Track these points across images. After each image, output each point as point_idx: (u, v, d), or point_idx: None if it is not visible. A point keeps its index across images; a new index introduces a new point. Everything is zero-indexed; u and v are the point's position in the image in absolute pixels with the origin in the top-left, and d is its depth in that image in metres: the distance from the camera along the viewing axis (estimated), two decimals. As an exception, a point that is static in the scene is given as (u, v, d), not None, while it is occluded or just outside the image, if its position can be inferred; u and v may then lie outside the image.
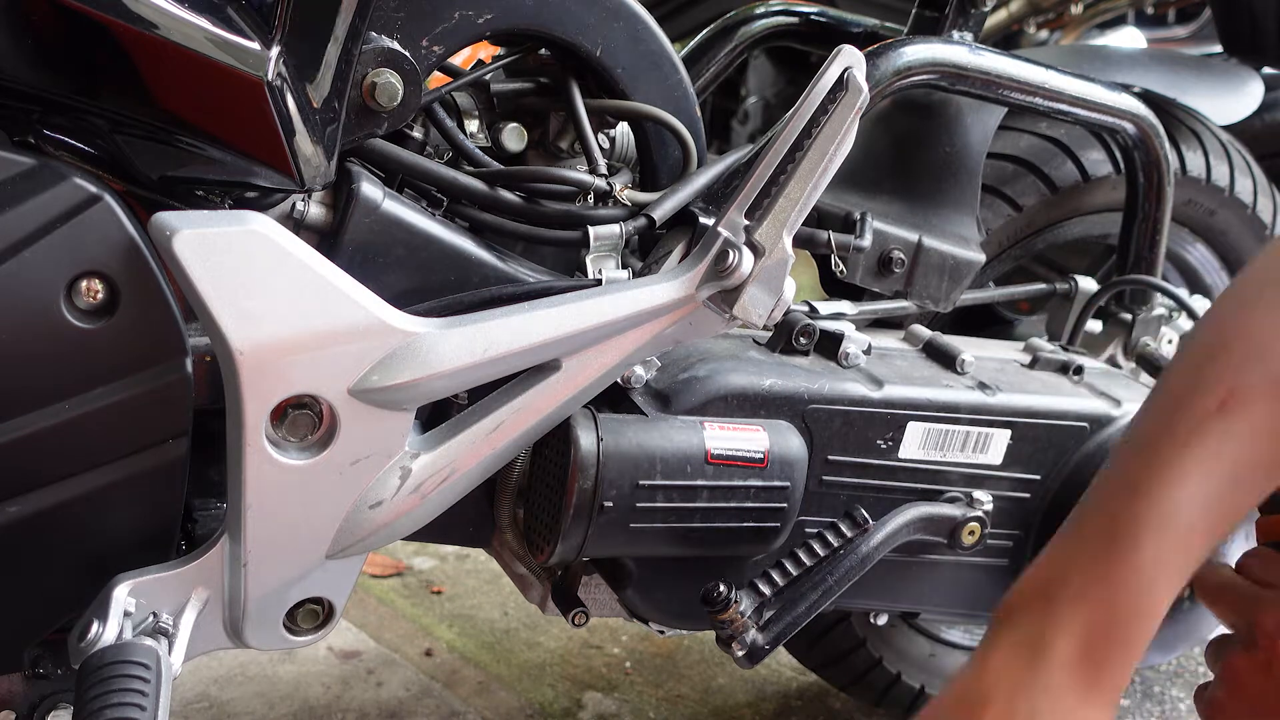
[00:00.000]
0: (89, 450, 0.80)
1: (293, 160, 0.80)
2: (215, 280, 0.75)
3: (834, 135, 0.89)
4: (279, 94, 0.77)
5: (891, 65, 1.11)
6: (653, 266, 0.98)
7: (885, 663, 1.40)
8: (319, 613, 0.92)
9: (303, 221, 0.87)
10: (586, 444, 0.92)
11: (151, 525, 0.85)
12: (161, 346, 0.79)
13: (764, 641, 1.00)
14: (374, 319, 0.81)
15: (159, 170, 0.83)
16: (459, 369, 0.84)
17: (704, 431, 0.97)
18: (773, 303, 0.91)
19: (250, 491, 0.81)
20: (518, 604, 1.74)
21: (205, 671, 1.52)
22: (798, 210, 0.90)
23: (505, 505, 1.03)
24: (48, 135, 0.81)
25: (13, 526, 0.79)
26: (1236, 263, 1.56)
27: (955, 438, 1.08)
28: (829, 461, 1.04)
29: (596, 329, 0.88)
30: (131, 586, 0.82)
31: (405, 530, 0.90)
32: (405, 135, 0.93)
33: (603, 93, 1.00)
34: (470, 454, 0.88)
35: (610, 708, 1.55)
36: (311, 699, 1.51)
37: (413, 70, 0.87)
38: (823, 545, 1.01)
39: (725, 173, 1.01)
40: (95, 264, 0.76)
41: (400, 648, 1.63)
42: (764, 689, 1.61)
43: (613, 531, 0.95)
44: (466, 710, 1.51)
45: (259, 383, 0.78)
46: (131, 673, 0.74)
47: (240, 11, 0.77)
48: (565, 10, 0.94)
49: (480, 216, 0.95)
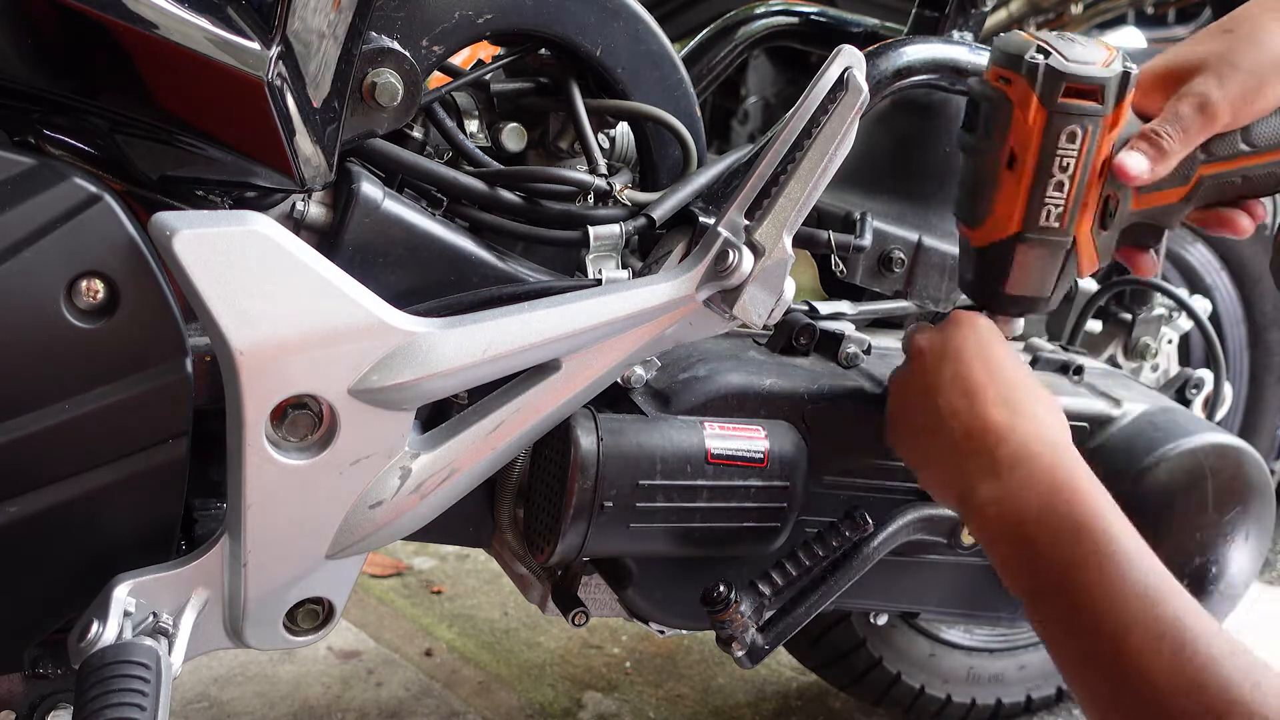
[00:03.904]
0: (89, 450, 0.80)
1: (293, 160, 0.80)
2: (215, 280, 0.75)
3: (834, 135, 0.89)
4: (279, 94, 0.77)
5: (891, 65, 1.11)
6: (653, 266, 0.98)
7: (885, 663, 1.40)
8: (319, 613, 0.92)
9: (303, 221, 0.87)
10: (586, 444, 0.92)
11: (151, 525, 0.85)
12: (161, 346, 0.79)
13: (764, 642, 1.00)
14: (374, 319, 0.81)
15: (159, 170, 0.83)
16: (459, 369, 0.84)
17: (704, 431, 0.97)
18: (773, 303, 0.91)
19: (250, 491, 0.81)
20: (518, 604, 1.74)
21: (205, 671, 1.52)
22: (798, 210, 0.90)
23: (505, 505, 1.03)
24: (48, 135, 0.82)
25: (13, 526, 0.79)
26: (1236, 263, 1.56)
27: (955, 438, 1.07)
28: (829, 462, 1.04)
29: (596, 329, 0.88)
30: (131, 586, 0.82)
31: (405, 530, 0.90)
32: (405, 135, 0.93)
33: (603, 93, 1.00)
34: (470, 454, 0.88)
35: (610, 708, 1.55)
36: (311, 699, 1.51)
37: (413, 70, 0.87)
38: (823, 546, 1.01)
39: (725, 173, 1.01)
40: (95, 264, 0.76)
41: (400, 648, 1.63)
42: (764, 689, 1.61)
43: (613, 531, 0.95)
44: (466, 710, 1.51)
45: (259, 383, 0.78)
46: (131, 673, 0.74)
47: (240, 11, 0.77)
48: (565, 10, 0.94)
49: (480, 216, 0.95)
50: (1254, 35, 0.88)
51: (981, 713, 1.48)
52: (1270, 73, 0.87)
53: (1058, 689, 1.51)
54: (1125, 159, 0.88)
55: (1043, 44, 0.89)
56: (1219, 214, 0.97)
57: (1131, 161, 0.88)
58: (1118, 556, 0.78)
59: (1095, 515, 0.80)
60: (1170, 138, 0.88)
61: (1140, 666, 0.74)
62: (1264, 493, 1.16)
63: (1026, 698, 1.50)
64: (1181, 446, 1.12)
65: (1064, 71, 0.88)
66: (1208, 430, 1.15)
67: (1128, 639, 0.75)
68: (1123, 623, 0.76)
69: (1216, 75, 0.88)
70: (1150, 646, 0.74)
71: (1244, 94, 0.88)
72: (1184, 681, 0.73)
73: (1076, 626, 0.79)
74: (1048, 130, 0.89)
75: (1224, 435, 1.15)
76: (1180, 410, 1.20)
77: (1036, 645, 1.49)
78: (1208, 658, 0.73)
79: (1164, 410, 1.18)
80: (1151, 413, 1.17)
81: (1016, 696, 1.49)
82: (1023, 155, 0.89)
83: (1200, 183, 0.94)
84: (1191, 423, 1.16)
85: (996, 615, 1.19)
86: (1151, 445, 1.12)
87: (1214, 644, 0.73)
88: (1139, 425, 1.15)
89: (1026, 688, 1.49)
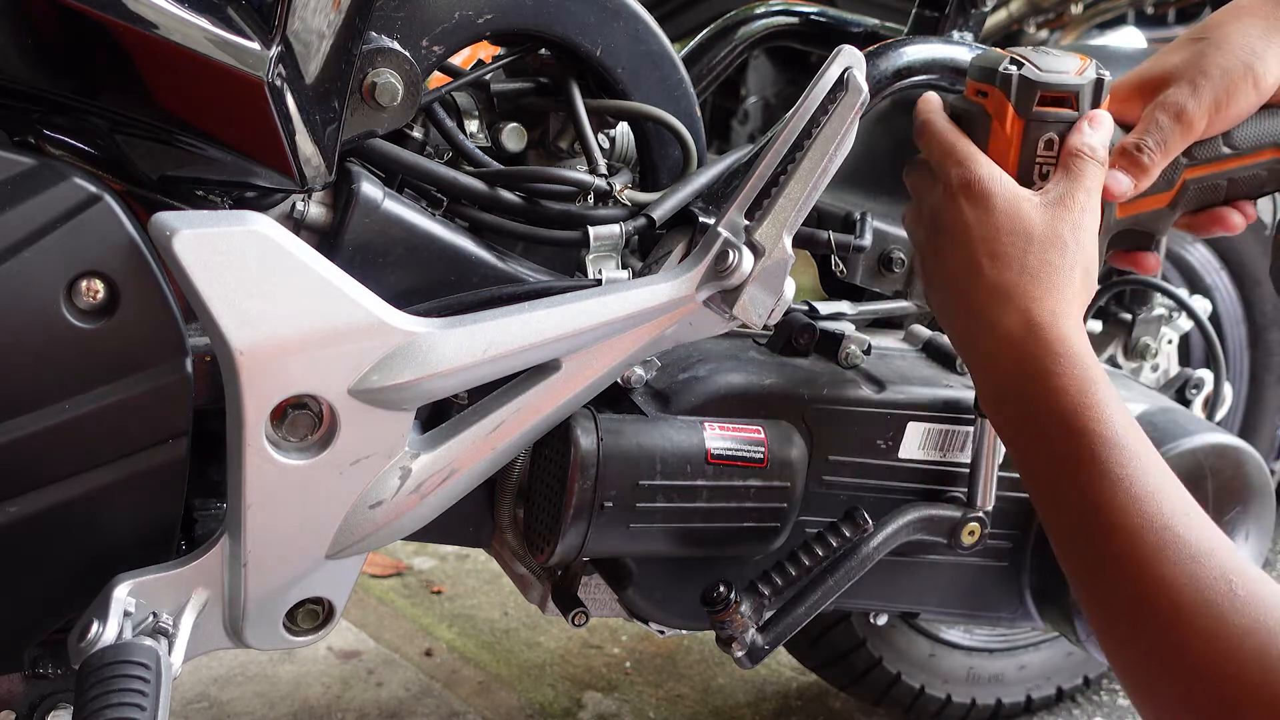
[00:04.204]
0: (89, 450, 0.80)
1: (293, 160, 0.80)
2: (215, 280, 0.75)
3: (834, 135, 0.89)
4: (279, 94, 0.77)
5: (891, 65, 1.11)
6: (653, 266, 0.98)
7: (885, 663, 1.40)
8: (319, 613, 0.92)
9: (303, 221, 0.87)
10: (586, 444, 0.92)
11: (151, 525, 0.85)
12: (161, 346, 0.79)
13: (764, 642, 1.00)
14: (374, 319, 0.81)
15: (159, 170, 0.83)
16: (459, 369, 0.84)
17: (704, 431, 0.97)
18: (773, 303, 0.91)
19: (250, 491, 0.81)
20: (518, 604, 1.74)
21: (205, 671, 1.52)
22: (798, 210, 0.90)
23: (505, 505, 1.03)
24: (48, 135, 0.82)
25: (13, 526, 0.79)
26: (1236, 263, 1.56)
27: (955, 438, 1.07)
28: (829, 461, 1.04)
29: (596, 329, 0.88)
30: (131, 586, 0.82)
31: (405, 530, 0.90)
32: (405, 135, 0.93)
33: (603, 93, 1.00)
34: (470, 454, 0.88)
35: (610, 708, 1.55)
36: (311, 699, 1.51)
37: (413, 70, 0.87)
38: (823, 546, 1.01)
39: (725, 173, 1.01)
40: (95, 264, 0.76)
41: (400, 648, 1.63)
42: (764, 689, 1.61)
43: (613, 531, 0.95)
44: (466, 710, 1.51)
45: (259, 383, 0.78)
46: (131, 673, 0.74)
47: (240, 11, 0.77)
48: (565, 10, 0.94)
49: (480, 216, 0.95)
50: (1223, 41, 0.89)
51: (981, 713, 1.48)
52: (1240, 77, 0.88)
53: (1058, 689, 1.52)
54: (1106, 178, 0.89)
55: (1016, 56, 0.90)
56: (1209, 214, 0.98)
57: (1113, 180, 0.89)
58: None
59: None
60: (1151, 151, 0.89)
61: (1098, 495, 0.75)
62: (1264, 493, 1.16)
63: (1026, 698, 1.50)
64: (1181, 447, 1.12)
65: (1037, 81, 0.89)
66: (1207, 430, 1.15)
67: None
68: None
69: (1190, 84, 0.89)
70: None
71: (1216, 101, 0.88)
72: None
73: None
74: (1025, 139, 0.90)
75: (1224, 435, 1.15)
76: (1180, 410, 1.20)
77: (1036, 645, 1.49)
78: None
79: (1164, 410, 1.18)
80: (1151, 413, 1.17)
81: (1016, 696, 1.49)
82: (1002, 164, 0.90)
83: (1185, 187, 0.95)
84: (1191, 423, 1.16)
85: (997, 615, 1.19)
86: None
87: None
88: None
89: (1026, 688, 1.49)
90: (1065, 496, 0.78)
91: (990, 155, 0.91)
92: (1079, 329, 0.83)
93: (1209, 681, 0.69)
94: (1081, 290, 0.85)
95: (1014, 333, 0.82)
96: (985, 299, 0.84)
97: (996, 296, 0.84)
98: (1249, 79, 0.88)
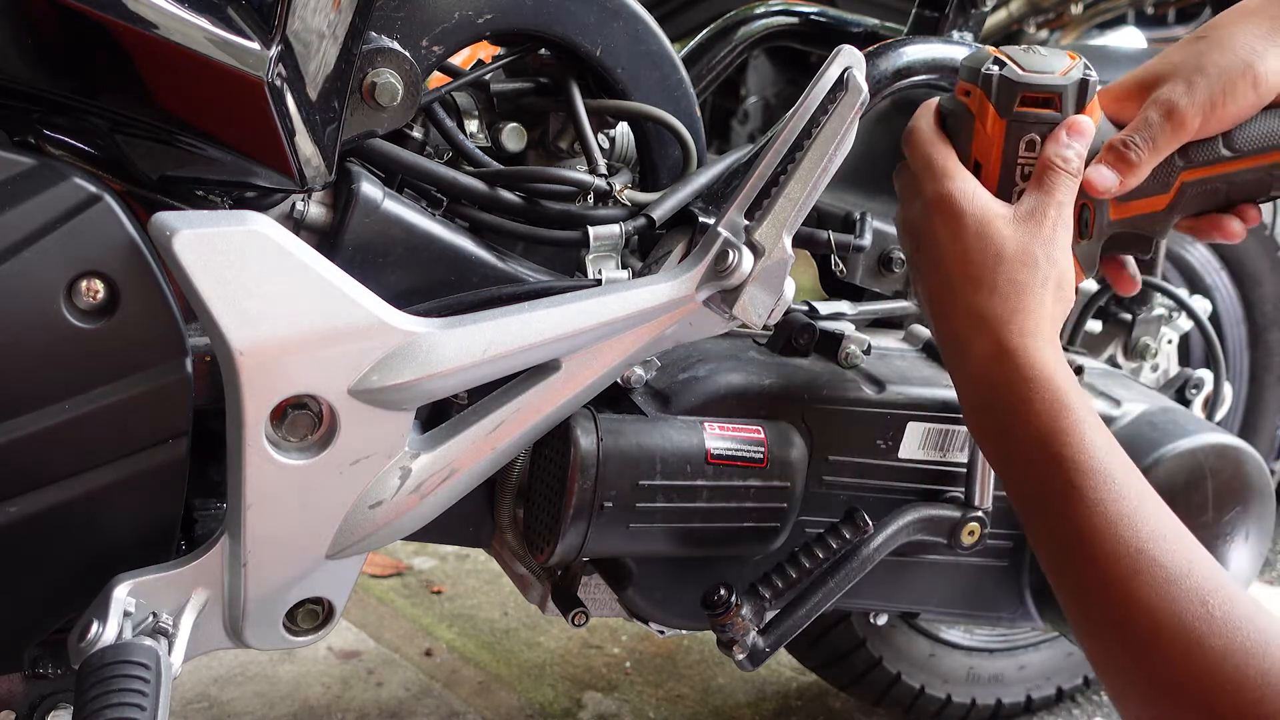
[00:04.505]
0: (89, 450, 0.80)
1: (293, 160, 0.80)
2: (215, 280, 0.75)
3: (834, 135, 0.89)
4: (279, 94, 0.77)
5: (891, 65, 1.11)
6: (653, 266, 0.98)
7: (885, 663, 1.40)
8: (319, 613, 0.92)
9: (303, 221, 0.87)
10: (586, 444, 0.92)
11: (151, 525, 0.85)
12: (161, 346, 0.79)
13: (765, 645, 1.00)
14: (374, 319, 0.81)
15: (159, 170, 0.83)
16: (459, 369, 0.84)
17: (704, 432, 0.97)
18: (773, 303, 0.91)
19: (250, 491, 0.81)
20: (518, 604, 1.74)
21: (205, 671, 1.52)
22: (798, 210, 0.90)
23: (505, 505, 1.03)
24: (48, 135, 0.81)
25: (13, 526, 0.79)
26: (1236, 263, 1.56)
27: (955, 438, 1.07)
28: (829, 462, 1.04)
29: (596, 329, 0.88)
30: (131, 586, 0.82)
31: (405, 530, 0.90)
32: (405, 135, 0.93)
33: (603, 93, 1.00)
34: (470, 454, 0.88)
35: (610, 708, 1.55)
36: (311, 699, 1.51)
37: (413, 70, 0.87)
38: (823, 548, 1.01)
39: (725, 173, 1.01)
40: (95, 264, 0.76)
41: (400, 648, 1.63)
42: (764, 689, 1.61)
43: (613, 531, 0.95)
44: (466, 710, 1.51)
45: (259, 383, 0.78)
46: (131, 673, 0.74)
47: (240, 11, 0.77)
48: (565, 10, 0.94)
49: (480, 216, 0.95)
50: (1223, 41, 0.89)
51: (981, 713, 1.48)
52: (1238, 76, 0.87)
53: (1058, 689, 1.52)
54: (1091, 173, 0.88)
55: (1000, 56, 0.90)
56: (1210, 219, 0.97)
57: (1097, 175, 0.88)
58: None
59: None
60: (1138, 148, 0.88)
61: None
62: (1264, 493, 1.16)
63: (1026, 698, 1.50)
64: (1181, 447, 1.12)
65: (1018, 81, 0.89)
66: (1207, 430, 1.15)
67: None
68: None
69: (1185, 82, 0.88)
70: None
71: (1212, 99, 0.88)
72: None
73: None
74: (1007, 139, 0.90)
75: (1224, 435, 1.15)
76: (1180, 410, 1.20)
77: (1036, 645, 1.49)
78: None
79: (1164, 410, 1.18)
80: (1151, 413, 1.17)
81: (1016, 696, 1.49)
82: (986, 164, 0.90)
83: (1183, 190, 0.94)
84: (1191, 423, 1.16)
85: (997, 615, 1.19)
86: (1151, 446, 1.12)
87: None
88: (1138, 425, 1.15)
89: (1026, 688, 1.49)
90: (1044, 520, 0.79)
91: (974, 155, 0.90)
92: (1052, 346, 0.83)
93: (1189, 704, 0.69)
94: (1054, 306, 0.85)
95: (985, 359, 0.83)
96: (959, 323, 0.85)
97: (969, 321, 0.85)
98: (1248, 78, 0.87)
